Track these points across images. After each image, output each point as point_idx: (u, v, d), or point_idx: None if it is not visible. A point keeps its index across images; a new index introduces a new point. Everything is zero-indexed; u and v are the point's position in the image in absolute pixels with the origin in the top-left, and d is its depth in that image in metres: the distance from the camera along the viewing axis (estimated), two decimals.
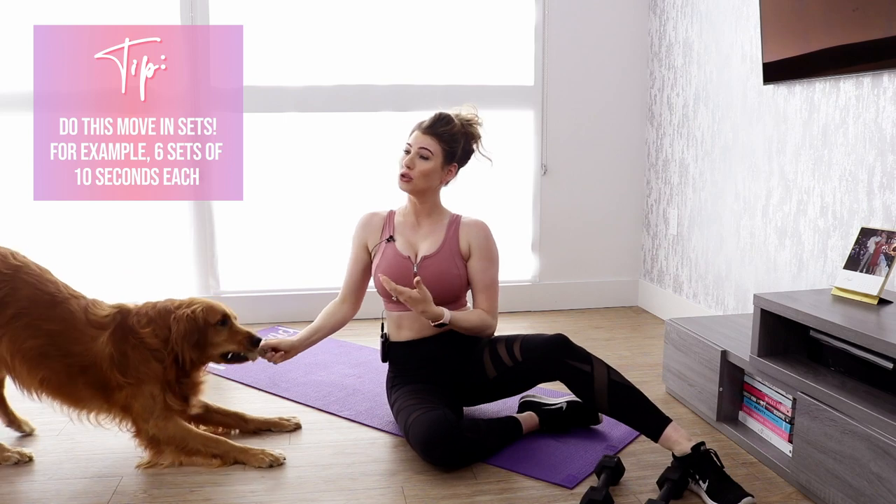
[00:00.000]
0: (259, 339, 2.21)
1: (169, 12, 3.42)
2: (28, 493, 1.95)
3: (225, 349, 2.19)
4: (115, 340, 2.08)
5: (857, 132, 2.38)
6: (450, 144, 2.26)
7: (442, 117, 2.26)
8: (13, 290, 2.04)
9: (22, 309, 2.03)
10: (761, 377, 2.21)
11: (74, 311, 2.09)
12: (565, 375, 2.09)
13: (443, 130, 2.25)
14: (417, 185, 2.25)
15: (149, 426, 2.08)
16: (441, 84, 3.66)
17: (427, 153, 2.24)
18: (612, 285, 3.98)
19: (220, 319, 2.17)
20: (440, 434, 2.01)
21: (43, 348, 2.04)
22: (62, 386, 2.07)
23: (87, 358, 2.06)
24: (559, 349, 2.11)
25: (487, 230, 2.31)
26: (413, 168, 2.23)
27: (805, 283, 2.65)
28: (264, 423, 2.35)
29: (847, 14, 2.30)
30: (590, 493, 1.83)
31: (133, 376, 2.08)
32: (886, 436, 1.66)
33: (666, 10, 3.62)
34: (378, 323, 2.46)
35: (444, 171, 2.28)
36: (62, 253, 3.52)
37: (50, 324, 2.05)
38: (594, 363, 2.08)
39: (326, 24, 3.57)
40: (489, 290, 2.28)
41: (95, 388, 2.08)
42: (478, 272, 2.27)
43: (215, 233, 3.62)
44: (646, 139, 3.88)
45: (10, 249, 2.12)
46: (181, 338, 2.11)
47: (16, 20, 3.36)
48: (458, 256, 2.28)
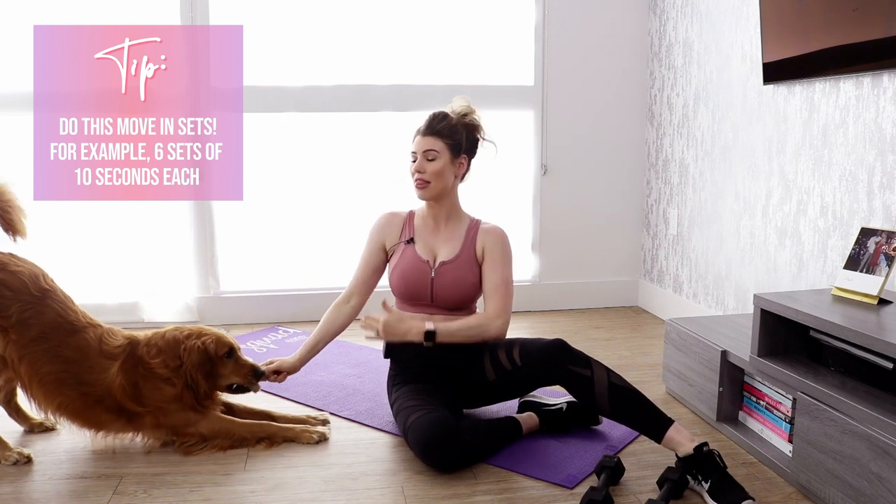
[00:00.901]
0: (262, 373, 2.28)
1: (169, 12, 3.42)
2: (28, 493, 1.95)
3: (230, 381, 2.25)
4: (125, 371, 2.13)
5: (857, 132, 2.38)
6: (452, 138, 2.27)
7: (437, 115, 2.29)
8: (38, 313, 2.08)
9: (44, 333, 2.07)
10: (761, 377, 2.21)
11: (90, 340, 2.13)
12: (565, 380, 2.09)
13: (441, 127, 2.26)
14: (434, 188, 2.26)
15: (195, 431, 2.18)
16: (441, 84, 3.66)
17: (433, 153, 2.25)
18: (612, 285, 3.98)
19: (227, 352, 2.23)
20: (439, 437, 2.02)
21: (59, 374, 2.08)
22: (80, 411, 2.12)
23: (100, 388, 2.11)
24: (558, 354, 2.10)
25: (504, 236, 2.32)
26: (424, 172, 2.24)
27: (805, 283, 2.65)
28: (293, 420, 2.39)
29: (847, 14, 2.30)
30: (590, 493, 1.83)
31: (150, 404, 2.14)
32: (886, 436, 1.66)
33: (666, 10, 3.62)
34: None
35: (455, 166, 2.29)
36: (62, 253, 3.52)
37: (67, 350, 2.09)
38: (594, 367, 2.08)
39: (326, 24, 3.56)
40: (499, 289, 2.25)
41: (115, 413, 2.13)
42: (489, 273, 2.27)
43: (215, 233, 3.62)
44: (646, 139, 3.88)
45: (43, 271, 2.16)
46: (194, 369, 2.16)
47: (16, 20, 3.36)
48: (475, 263, 2.29)
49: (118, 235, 3.56)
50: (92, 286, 3.57)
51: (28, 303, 2.07)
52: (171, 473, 2.06)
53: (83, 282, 3.55)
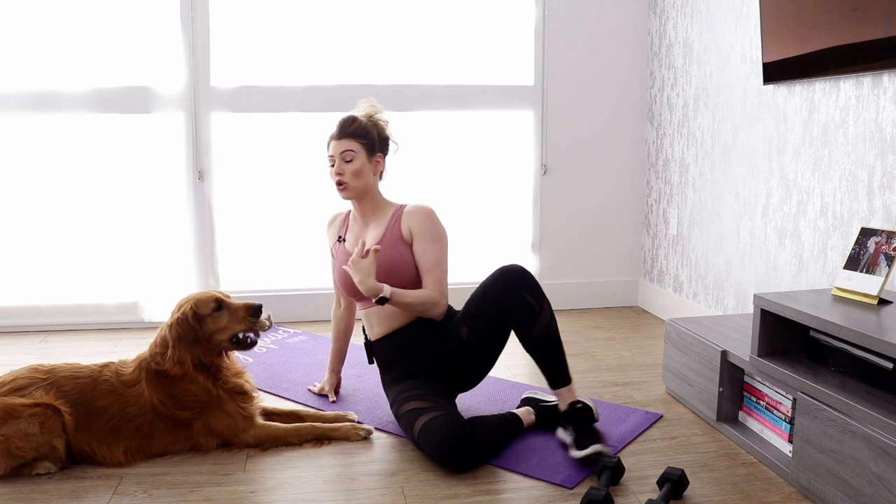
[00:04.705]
0: (259, 306, 2.22)
1: (169, 12, 3.41)
2: (28, 492, 1.95)
3: (231, 332, 2.20)
4: (153, 388, 2.14)
5: (857, 132, 2.38)
6: (365, 138, 2.33)
7: (347, 119, 2.35)
8: (57, 387, 2.10)
9: (73, 400, 2.09)
10: (761, 377, 2.21)
11: (110, 380, 2.15)
12: (515, 305, 2.18)
13: (354, 129, 2.33)
14: (356, 187, 2.32)
15: (242, 439, 2.20)
16: (441, 84, 3.67)
17: (350, 154, 2.31)
18: (612, 285, 3.98)
19: (214, 307, 2.20)
20: (454, 439, 2.03)
21: (108, 423, 2.10)
22: (144, 445, 2.14)
23: (146, 415, 2.13)
24: (517, 278, 2.19)
25: (429, 212, 2.33)
26: (344, 173, 2.31)
27: (805, 283, 2.65)
28: (320, 418, 2.39)
29: (847, 14, 2.30)
30: (590, 493, 1.83)
31: (193, 408, 2.16)
32: (886, 436, 1.66)
33: (666, 10, 3.62)
34: None
35: (372, 164, 2.35)
36: (62, 253, 3.53)
37: (100, 401, 2.11)
38: (544, 306, 2.20)
39: (326, 24, 3.57)
40: (434, 270, 2.28)
41: (172, 430, 2.16)
42: (421, 254, 2.29)
43: (215, 233, 3.62)
44: (646, 139, 3.88)
45: (34, 365, 2.17)
46: (177, 343, 2.16)
47: (15, 20, 3.36)
48: (402, 243, 2.31)
49: (118, 235, 3.56)
50: (92, 286, 3.57)
51: (46, 388, 2.10)
52: (171, 473, 2.06)
53: (83, 282, 3.56)
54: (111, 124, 3.47)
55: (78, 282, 3.57)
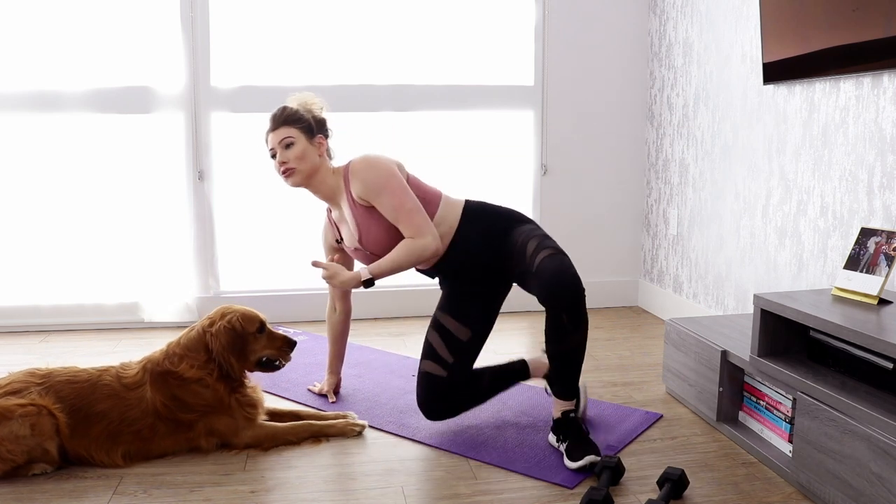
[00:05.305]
0: (295, 343, 2.32)
1: (169, 12, 3.41)
2: (28, 492, 1.95)
3: (262, 355, 2.26)
4: (157, 390, 2.14)
5: (857, 132, 2.38)
6: (300, 122, 2.32)
7: (277, 110, 2.35)
8: (54, 391, 2.09)
9: (71, 404, 2.08)
10: (761, 377, 2.21)
11: (110, 383, 2.14)
12: (551, 317, 2.06)
13: (286, 116, 2.32)
14: (302, 171, 2.29)
15: (240, 440, 2.20)
16: (441, 84, 3.67)
17: (289, 140, 2.29)
18: (612, 285, 3.98)
19: (258, 328, 2.25)
20: (430, 396, 2.27)
21: (107, 428, 2.10)
22: (144, 448, 2.14)
23: (147, 418, 2.13)
24: (561, 291, 2.02)
25: (359, 169, 2.26)
26: (288, 160, 2.29)
27: (805, 283, 2.65)
28: (319, 416, 2.41)
29: (847, 14, 2.30)
30: (590, 493, 1.83)
31: (196, 410, 2.16)
32: (886, 436, 1.66)
33: (666, 10, 3.61)
34: (376, 324, 2.46)
35: (314, 146, 2.32)
36: (62, 253, 3.53)
37: (99, 405, 2.10)
38: (581, 333, 2.06)
39: (326, 25, 3.57)
40: (401, 218, 2.22)
41: (173, 433, 2.16)
42: (382, 210, 2.24)
43: (215, 233, 3.62)
44: (646, 139, 3.88)
45: (30, 369, 2.16)
46: (225, 349, 2.19)
47: (15, 20, 3.36)
48: (367, 209, 2.28)
49: (118, 235, 3.56)
50: (92, 286, 3.57)
51: (42, 392, 2.09)
52: (170, 473, 2.06)
53: (83, 282, 3.56)
54: (111, 124, 3.47)
55: (78, 282, 3.57)
